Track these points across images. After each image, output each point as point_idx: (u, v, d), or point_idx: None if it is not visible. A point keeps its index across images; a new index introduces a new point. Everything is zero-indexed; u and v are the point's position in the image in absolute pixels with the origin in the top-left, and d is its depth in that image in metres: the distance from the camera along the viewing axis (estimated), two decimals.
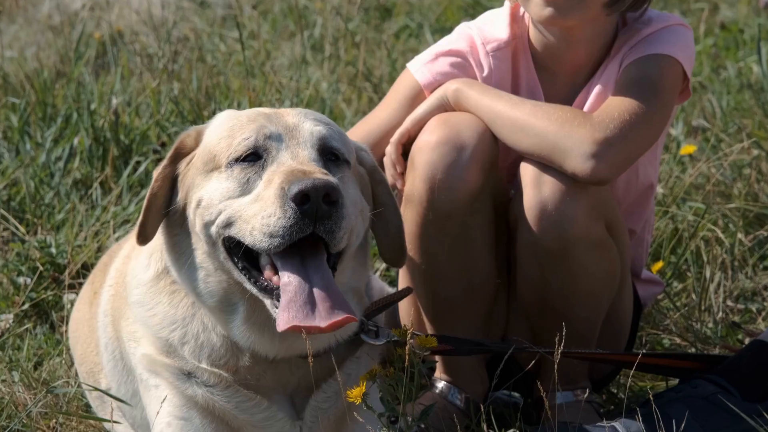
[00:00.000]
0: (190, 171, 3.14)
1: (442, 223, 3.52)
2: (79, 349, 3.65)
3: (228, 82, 6.28)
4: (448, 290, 3.62)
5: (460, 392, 3.74)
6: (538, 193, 3.47)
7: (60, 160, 5.33)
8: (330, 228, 2.94)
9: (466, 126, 3.52)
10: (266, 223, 2.93)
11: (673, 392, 3.61)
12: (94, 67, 6.82)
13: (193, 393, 3.14)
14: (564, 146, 3.42)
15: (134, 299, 3.24)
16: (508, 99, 3.54)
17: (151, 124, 5.56)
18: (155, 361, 3.18)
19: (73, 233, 4.77)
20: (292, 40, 7.37)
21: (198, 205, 3.08)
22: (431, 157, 3.50)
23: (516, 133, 3.49)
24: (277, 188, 2.94)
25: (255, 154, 3.05)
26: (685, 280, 4.62)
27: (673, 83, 3.57)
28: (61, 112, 5.66)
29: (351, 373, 3.21)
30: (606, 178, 3.44)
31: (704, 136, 5.66)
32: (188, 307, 3.17)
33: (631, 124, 3.44)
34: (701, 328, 4.31)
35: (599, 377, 3.86)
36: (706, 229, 4.71)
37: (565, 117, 3.45)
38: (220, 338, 3.14)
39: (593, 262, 3.54)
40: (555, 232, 3.47)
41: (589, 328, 3.66)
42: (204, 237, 3.08)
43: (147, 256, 3.25)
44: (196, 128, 3.23)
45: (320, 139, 3.10)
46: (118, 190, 5.09)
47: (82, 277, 4.49)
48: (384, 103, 3.78)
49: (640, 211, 3.87)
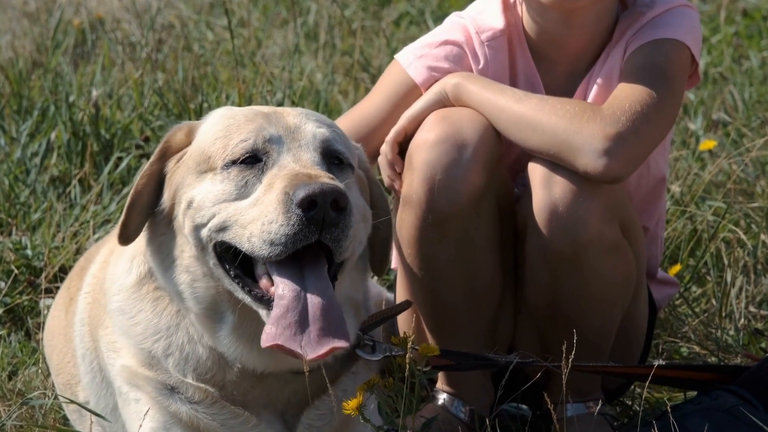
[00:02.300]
0: (180, 169, 3.13)
1: (443, 225, 3.52)
2: (55, 358, 3.65)
3: (216, 72, 6.28)
4: (449, 297, 3.61)
5: (464, 404, 3.73)
6: (548, 194, 3.46)
7: (36, 156, 5.33)
8: (337, 236, 2.93)
9: (467, 122, 3.51)
10: (267, 229, 2.92)
11: (692, 404, 3.61)
12: (73, 57, 6.81)
13: (177, 410, 3.13)
14: (574, 143, 3.42)
15: (114, 306, 3.22)
16: (512, 93, 3.54)
17: (133, 118, 5.55)
18: (136, 373, 3.17)
19: (50, 234, 4.76)
20: (284, 28, 7.37)
21: (188, 206, 3.07)
22: (430, 156, 3.49)
23: (522, 130, 3.49)
24: (280, 193, 2.92)
25: (254, 156, 3.04)
26: (704, 284, 4.62)
27: (682, 69, 3.58)
28: (37, 105, 5.65)
29: (347, 389, 3.20)
30: (620, 175, 3.44)
31: (725, 131, 5.66)
32: (173, 315, 3.16)
33: (643, 115, 3.44)
34: (722, 335, 4.31)
35: (612, 388, 3.86)
36: (726, 230, 4.71)
37: (573, 111, 3.45)
38: (206, 350, 3.13)
39: (607, 266, 3.54)
40: (567, 235, 3.46)
41: (602, 336, 3.65)
42: (193, 240, 3.07)
43: (129, 259, 3.24)
44: (187, 124, 3.22)
45: (323, 142, 3.09)
46: (98, 188, 5.08)
47: (59, 281, 4.48)
48: (371, 96, 3.77)
49: (653, 206, 3.87)
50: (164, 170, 3.17)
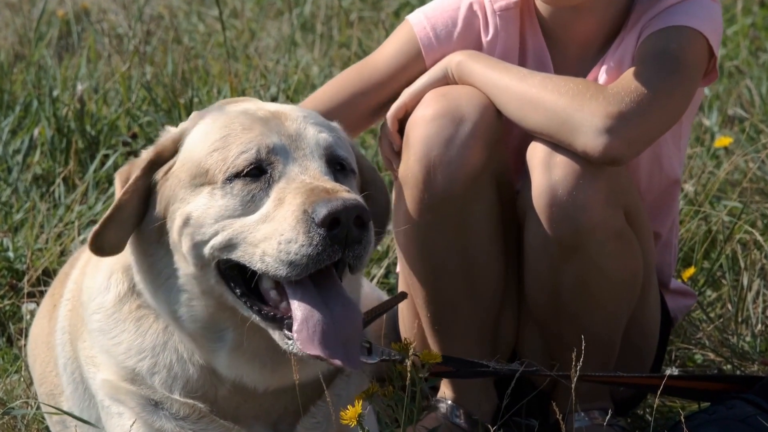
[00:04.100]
0: (170, 182, 3.09)
1: (439, 206, 3.52)
2: (38, 368, 3.64)
3: (207, 66, 6.28)
4: (449, 291, 3.62)
5: (466, 413, 3.73)
6: (547, 177, 3.47)
7: (18, 153, 5.33)
8: (359, 253, 2.93)
9: (467, 98, 3.54)
10: (285, 249, 2.89)
11: (707, 414, 3.60)
12: (57, 49, 6.81)
13: (161, 426, 3.13)
14: (574, 121, 3.43)
15: (94, 326, 3.20)
16: (516, 72, 3.56)
17: (120, 114, 5.55)
18: (118, 387, 3.16)
19: (33, 235, 4.76)
20: (279, 19, 7.37)
21: (185, 223, 3.03)
22: (427, 132, 3.51)
23: (522, 107, 3.50)
24: (297, 210, 2.90)
25: (258, 168, 3.01)
26: (719, 288, 4.62)
27: (697, 58, 3.57)
28: (19, 100, 5.65)
29: (341, 393, 3.20)
30: (620, 156, 3.43)
31: (741, 127, 5.66)
32: (159, 334, 3.14)
33: (649, 98, 3.44)
34: (738, 342, 4.31)
35: (623, 398, 3.85)
36: (743, 231, 4.71)
37: (576, 89, 3.46)
38: (197, 369, 3.12)
39: (611, 255, 3.53)
40: (567, 221, 3.46)
41: (608, 336, 3.64)
42: (193, 259, 3.03)
43: (106, 276, 3.21)
44: (171, 132, 3.17)
45: (327, 149, 3.08)
46: (83, 186, 5.08)
47: (42, 285, 4.48)
48: (377, 52, 3.82)
49: (665, 211, 3.86)
50: (153, 181, 3.13)
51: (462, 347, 3.63)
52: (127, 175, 3.14)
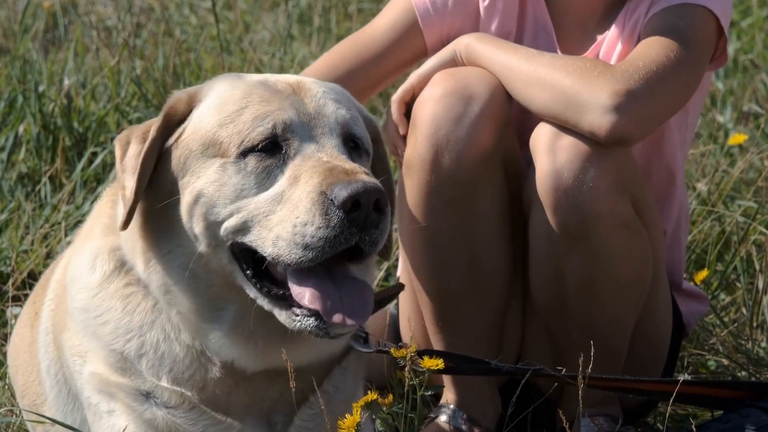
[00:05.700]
0: (179, 150, 3.08)
1: (446, 188, 3.54)
2: (20, 379, 3.64)
3: (199, 60, 6.29)
4: (454, 282, 3.63)
5: (469, 420, 3.73)
6: (552, 161, 3.48)
7: (3, 151, 5.33)
8: (375, 239, 2.93)
9: (476, 78, 3.57)
10: (301, 232, 2.90)
11: (721, 422, 3.61)
12: (43, 42, 6.82)
13: (152, 416, 3.13)
14: (581, 99, 3.44)
15: (77, 305, 3.20)
16: (525, 52, 3.59)
17: (109, 109, 5.56)
18: (108, 381, 3.16)
19: (18, 236, 4.76)
20: (274, 11, 7.37)
21: (196, 201, 3.03)
22: (435, 110, 3.53)
23: (530, 87, 3.53)
24: (313, 191, 2.91)
25: (273, 143, 3.02)
26: (733, 291, 4.62)
27: (707, 37, 3.59)
28: (4, 95, 5.65)
29: (338, 385, 3.21)
30: (628, 135, 3.44)
31: (756, 123, 5.66)
32: (147, 312, 3.15)
33: (658, 76, 3.47)
34: (753, 347, 4.31)
35: (633, 406, 3.85)
36: (758, 232, 4.71)
37: (584, 67, 3.48)
38: (183, 348, 3.13)
39: (619, 245, 3.52)
40: (572, 207, 3.46)
41: (615, 338, 3.64)
42: (206, 239, 3.03)
43: (91, 258, 3.21)
44: (187, 92, 3.15)
45: (344, 126, 3.09)
46: (70, 186, 5.08)
47: (28, 288, 4.48)
48: (373, 22, 3.84)
49: (665, 203, 3.87)
50: (163, 147, 3.10)
51: (466, 344, 3.63)
52: (127, 140, 3.12)
